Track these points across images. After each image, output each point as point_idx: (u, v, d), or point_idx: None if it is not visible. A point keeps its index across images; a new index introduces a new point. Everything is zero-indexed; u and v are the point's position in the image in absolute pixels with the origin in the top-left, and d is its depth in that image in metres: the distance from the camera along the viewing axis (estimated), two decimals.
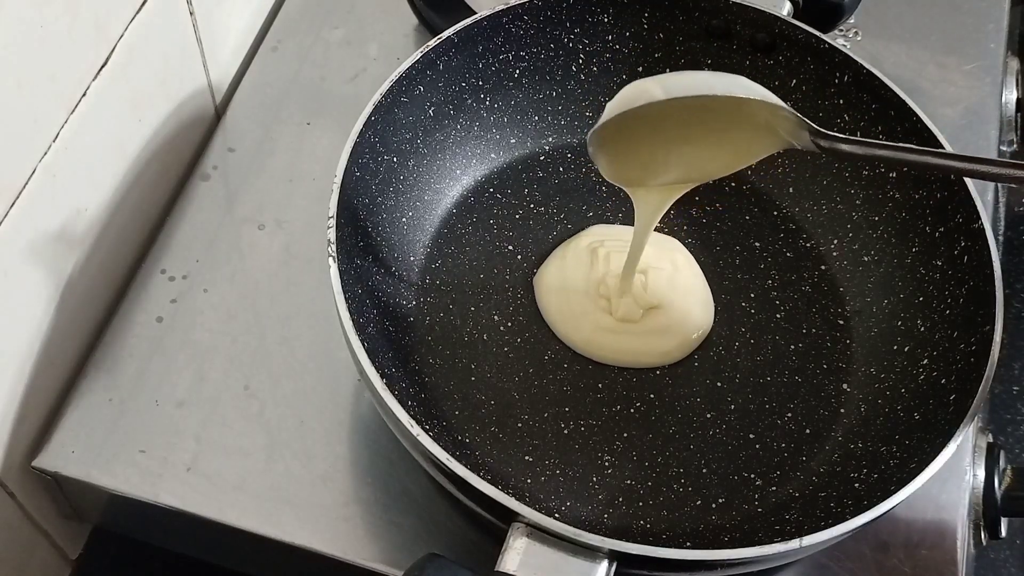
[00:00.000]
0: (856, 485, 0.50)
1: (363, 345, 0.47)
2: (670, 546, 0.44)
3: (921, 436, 0.50)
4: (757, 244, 0.60)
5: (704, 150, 0.50)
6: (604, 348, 0.56)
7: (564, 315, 0.57)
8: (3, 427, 0.53)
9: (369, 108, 0.54)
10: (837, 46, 0.58)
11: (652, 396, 0.55)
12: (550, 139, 0.63)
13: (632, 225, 0.54)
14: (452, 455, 0.45)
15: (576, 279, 0.58)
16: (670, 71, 0.62)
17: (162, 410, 0.56)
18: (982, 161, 0.45)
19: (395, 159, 0.57)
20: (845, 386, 0.55)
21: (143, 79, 0.58)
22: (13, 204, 0.50)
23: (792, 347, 0.57)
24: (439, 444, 0.45)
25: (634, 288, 0.57)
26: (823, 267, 0.60)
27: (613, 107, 0.48)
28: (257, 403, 0.56)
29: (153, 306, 0.59)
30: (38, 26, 0.48)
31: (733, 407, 0.55)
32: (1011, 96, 0.72)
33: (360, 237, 0.53)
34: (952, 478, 0.55)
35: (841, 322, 0.58)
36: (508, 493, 0.44)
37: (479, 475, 0.45)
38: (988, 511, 0.56)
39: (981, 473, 0.56)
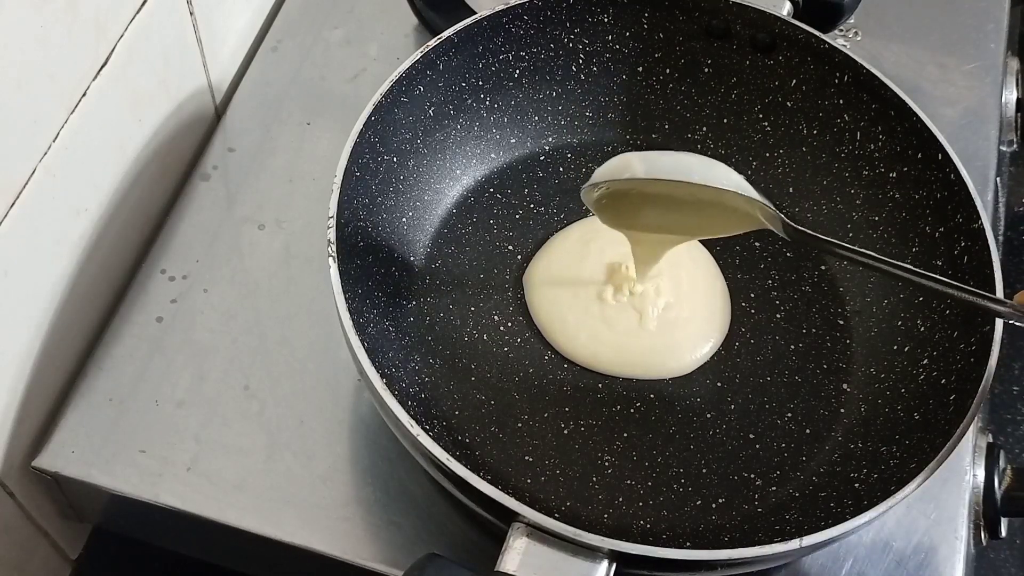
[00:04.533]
0: (856, 485, 0.50)
1: (363, 345, 0.47)
2: (670, 546, 0.44)
3: (921, 436, 0.50)
4: (757, 244, 0.60)
5: (686, 217, 0.53)
6: (602, 362, 0.56)
7: (555, 322, 0.56)
8: (3, 427, 0.53)
9: (369, 108, 0.54)
10: (837, 46, 0.58)
11: (652, 396, 0.55)
12: (550, 139, 0.63)
13: None
14: (452, 455, 0.45)
15: (567, 280, 0.57)
16: (670, 71, 0.62)
17: (162, 410, 0.56)
18: (940, 281, 0.47)
19: (395, 159, 0.57)
20: (845, 386, 0.55)
21: (143, 79, 0.58)
22: (13, 204, 0.50)
23: (792, 347, 0.57)
24: (439, 444, 0.45)
25: (642, 299, 0.57)
26: (823, 267, 0.60)
27: (599, 173, 0.52)
28: (257, 403, 0.56)
29: (153, 306, 0.59)
30: (38, 26, 0.48)
31: (733, 407, 0.55)
32: (1011, 96, 0.72)
33: (360, 237, 0.53)
34: (952, 478, 0.55)
35: (841, 322, 0.58)
36: (508, 493, 0.44)
37: (479, 475, 0.45)
38: (988, 511, 0.56)
39: (981, 473, 0.56)
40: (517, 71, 0.61)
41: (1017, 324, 0.46)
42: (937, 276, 0.47)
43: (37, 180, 0.51)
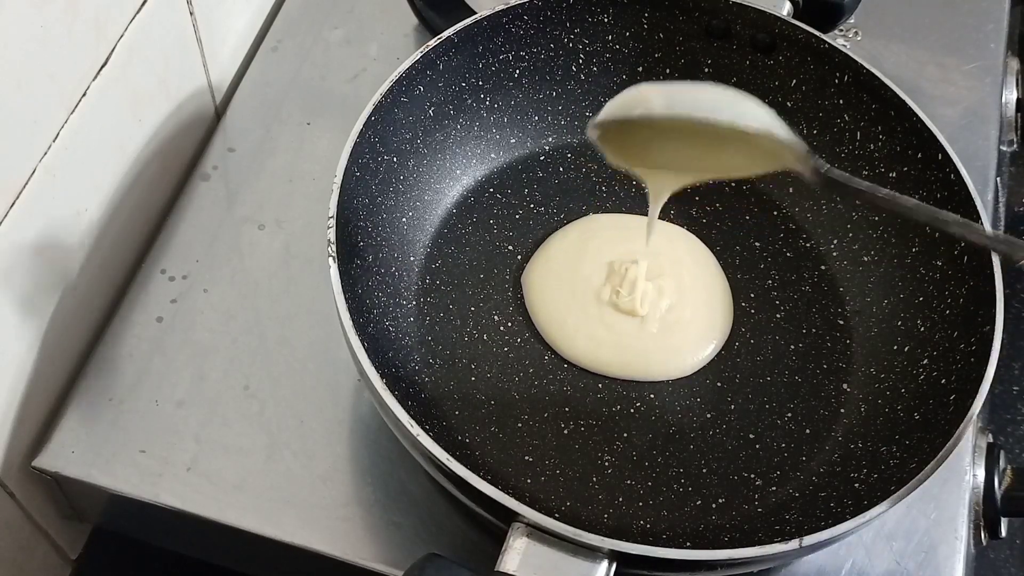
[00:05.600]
0: (856, 485, 0.50)
1: (363, 345, 0.47)
2: (670, 546, 0.44)
3: (921, 436, 0.50)
4: (757, 244, 0.60)
5: (703, 153, 0.49)
6: (602, 364, 0.56)
7: (554, 323, 0.56)
8: (3, 427, 0.53)
9: (369, 108, 0.54)
10: (837, 46, 0.58)
11: (652, 396, 0.55)
12: (550, 139, 0.63)
13: (628, 213, 0.54)
14: (452, 455, 0.45)
15: (565, 281, 0.57)
16: (670, 71, 0.62)
17: (162, 410, 0.56)
18: (964, 224, 0.45)
19: (395, 159, 0.57)
20: (845, 386, 0.55)
21: (143, 79, 0.58)
22: (13, 204, 0.50)
23: (792, 347, 0.57)
24: (439, 444, 0.45)
25: (642, 300, 0.56)
26: (823, 267, 0.60)
27: (612, 107, 0.48)
28: (257, 403, 0.56)
29: (153, 306, 0.59)
30: (38, 26, 0.48)
31: (733, 407, 0.55)
32: (1011, 96, 0.72)
33: (360, 237, 0.53)
34: (952, 478, 0.55)
35: (841, 322, 0.58)
36: (508, 493, 0.44)
37: (479, 475, 0.45)
38: (988, 511, 0.56)
39: (981, 473, 0.56)
40: (517, 71, 0.61)
41: None
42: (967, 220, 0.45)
43: (37, 180, 0.51)
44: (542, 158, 0.63)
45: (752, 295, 0.59)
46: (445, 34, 0.57)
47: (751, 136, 0.45)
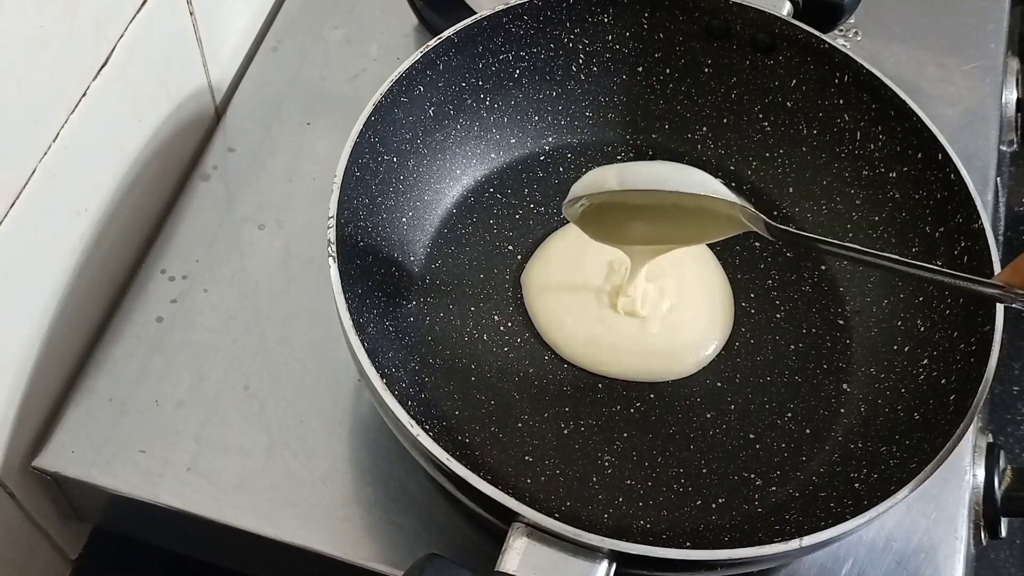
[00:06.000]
0: (856, 485, 0.50)
1: (363, 345, 0.47)
2: (670, 546, 0.44)
3: (921, 436, 0.50)
4: (757, 244, 0.60)
5: (671, 226, 0.52)
6: (602, 365, 0.56)
7: (554, 324, 0.56)
8: (3, 427, 0.53)
9: (369, 108, 0.54)
10: (837, 46, 0.58)
11: (652, 396, 0.55)
12: (550, 139, 0.63)
13: None
14: (452, 455, 0.45)
15: (565, 280, 0.57)
16: (670, 71, 0.62)
17: (162, 410, 0.56)
18: (929, 269, 0.47)
19: (395, 159, 0.57)
20: (845, 386, 0.55)
21: (143, 79, 0.58)
22: (13, 204, 0.50)
23: (792, 347, 0.57)
24: (439, 444, 0.45)
25: (643, 300, 0.56)
26: (823, 267, 0.60)
27: (576, 188, 0.51)
28: (257, 403, 0.56)
29: (153, 306, 0.59)
30: (38, 26, 0.48)
31: (733, 407, 0.55)
32: (1011, 96, 0.72)
33: (360, 237, 0.53)
34: (952, 478, 0.55)
35: (841, 322, 0.58)
36: (508, 493, 0.44)
37: (479, 475, 0.45)
38: (988, 511, 0.56)
39: (981, 473, 0.56)
40: (517, 71, 0.61)
41: (1007, 305, 0.46)
42: (925, 264, 0.47)
43: (37, 180, 0.51)
44: (542, 158, 0.63)
45: (752, 295, 0.59)
46: (445, 34, 0.57)
47: (702, 202, 0.49)
